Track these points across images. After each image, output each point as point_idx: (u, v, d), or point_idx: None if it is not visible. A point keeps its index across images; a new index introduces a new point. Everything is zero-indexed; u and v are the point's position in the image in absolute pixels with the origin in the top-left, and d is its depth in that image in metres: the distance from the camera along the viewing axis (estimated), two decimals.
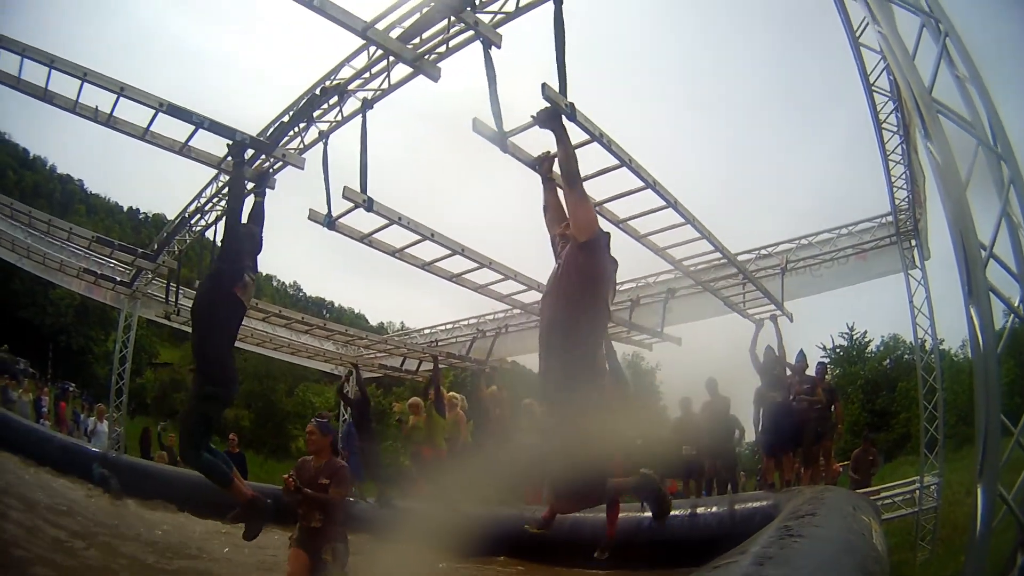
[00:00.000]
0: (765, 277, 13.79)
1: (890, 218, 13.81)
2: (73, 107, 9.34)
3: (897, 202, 13.34)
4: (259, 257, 6.98)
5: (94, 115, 9.43)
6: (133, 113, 9.32)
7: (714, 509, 8.60)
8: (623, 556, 8.35)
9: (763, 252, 14.70)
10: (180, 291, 15.58)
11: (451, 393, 14.28)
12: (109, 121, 9.40)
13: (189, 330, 7.73)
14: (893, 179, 12.81)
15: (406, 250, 10.48)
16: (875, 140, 12.16)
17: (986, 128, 5.07)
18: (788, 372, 11.96)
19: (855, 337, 43.13)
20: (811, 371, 12.65)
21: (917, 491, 13.67)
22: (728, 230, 10.94)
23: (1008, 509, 4.37)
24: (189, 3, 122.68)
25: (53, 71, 8.96)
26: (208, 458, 6.29)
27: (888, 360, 41.84)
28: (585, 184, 8.78)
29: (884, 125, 11.91)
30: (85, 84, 9.01)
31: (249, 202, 7.31)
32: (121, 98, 9.02)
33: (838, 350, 43.12)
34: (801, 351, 12.25)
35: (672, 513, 8.39)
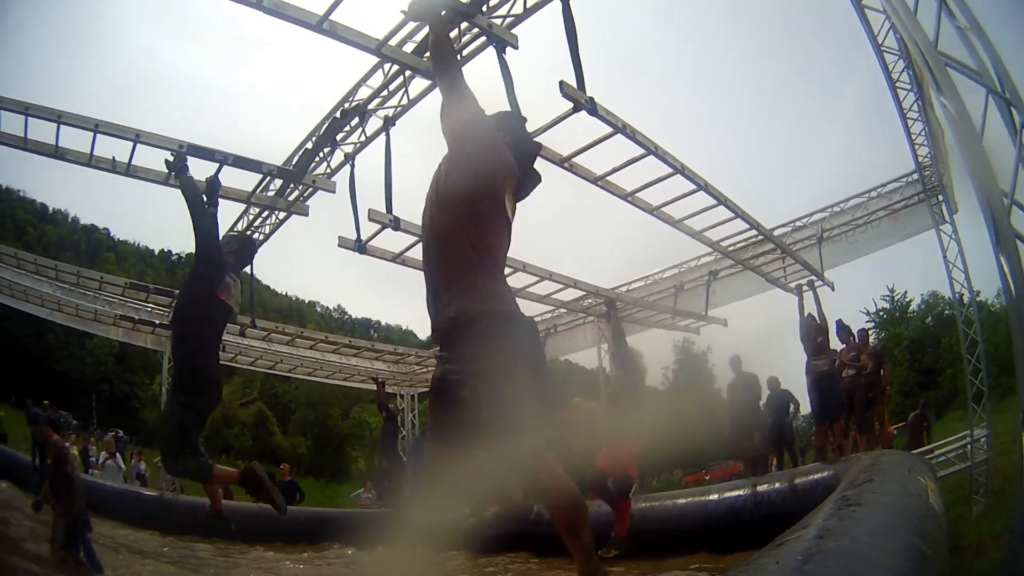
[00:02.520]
0: (802, 249, 13.74)
1: (916, 176, 13.65)
2: (88, 160, 9.38)
3: (920, 159, 13.19)
4: (288, 279, 6.92)
5: (112, 166, 9.49)
6: (152, 157, 9.31)
7: (776, 485, 8.45)
8: (686, 541, 8.25)
9: (798, 224, 14.60)
10: None
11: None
12: (129, 171, 9.46)
13: (234, 365, 7.74)
14: (913, 136, 12.68)
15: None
16: (891, 99, 12.04)
17: (992, 76, 4.98)
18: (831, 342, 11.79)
19: (896, 298, 42.82)
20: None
21: (968, 445, 13.54)
22: (759, 207, 10.94)
23: None
24: (183, 33, 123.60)
25: (62, 126, 9.02)
26: (191, 461, 6.12)
27: (930, 318, 41.40)
28: (614, 176, 8.88)
29: (898, 84, 11.80)
30: (98, 135, 9.07)
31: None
32: (138, 144, 9.05)
33: (881, 313, 42.81)
34: (839, 321, 11.97)
35: (735, 494, 8.38)
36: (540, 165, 7.71)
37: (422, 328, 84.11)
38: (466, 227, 3.51)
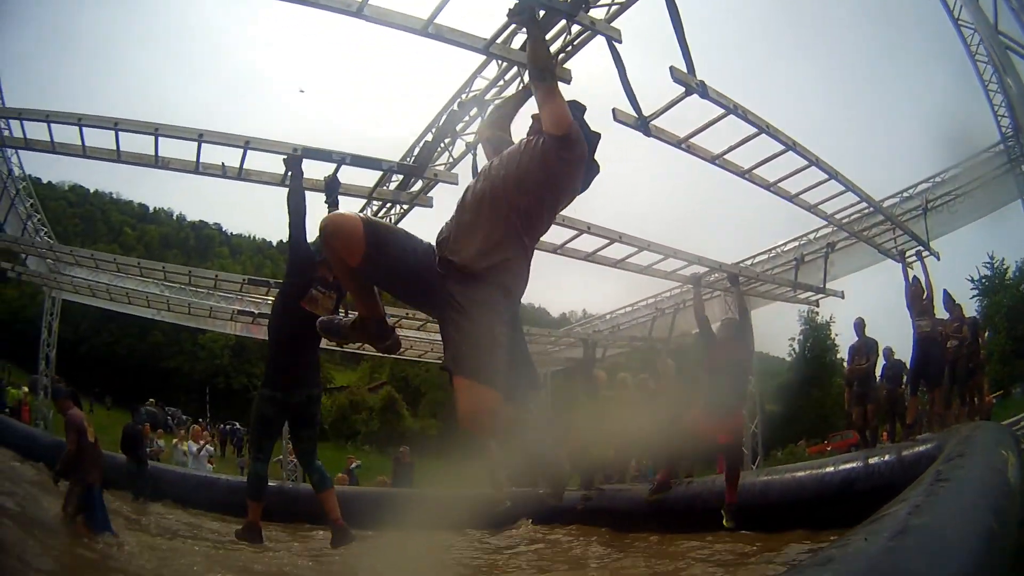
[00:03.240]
0: (910, 219, 13.61)
1: (1002, 146, 13.40)
2: (195, 168, 9.70)
3: (1004, 130, 12.97)
4: None
5: (222, 172, 9.77)
6: (263, 159, 9.56)
7: (886, 457, 8.41)
8: (803, 514, 8.26)
9: (905, 195, 14.50)
10: (349, 316, 15.78)
11: (621, 374, 14.22)
12: (240, 175, 9.71)
13: (363, 352, 7.91)
14: (996, 107, 12.50)
15: (566, 245, 10.75)
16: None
17: None
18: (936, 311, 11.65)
19: (995, 266, 41.87)
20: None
21: None
22: (866, 178, 10.88)
23: None
24: (284, 42, 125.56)
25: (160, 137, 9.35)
26: (258, 470, 6.74)
27: None
28: (730, 155, 8.94)
29: (977, 57, 11.67)
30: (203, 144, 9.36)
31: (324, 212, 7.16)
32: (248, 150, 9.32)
33: (983, 280, 41.92)
34: (945, 291, 11.98)
35: (849, 465, 8.38)
36: (659, 146, 7.86)
37: (554, 306, 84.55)
38: (505, 212, 3.65)
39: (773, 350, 46.02)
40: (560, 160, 3.67)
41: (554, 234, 10.36)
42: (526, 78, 8.74)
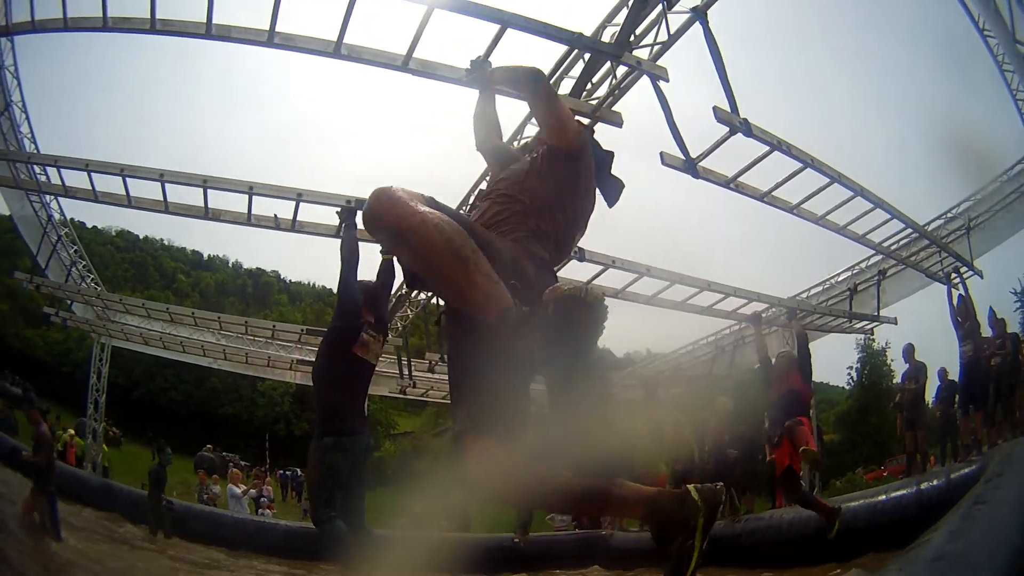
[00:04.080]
0: (954, 240, 13.52)
1: None
2: (247, 219, 9.84)
3: None
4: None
5: (275, 224, 9.90)
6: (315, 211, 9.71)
7: (934, 482, 8.40)
8: (850, 543, 8.26)
9: (949, 216, 14.48)
10: (412, 363, 16.07)
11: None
12: (294, 227, 9.84)
13: (427, 399, 7.81)
14: None
15: (626, 289, 10.87)
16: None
17: None
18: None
19: None
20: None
21: None
22: (905, 201, 10.92)
23: None
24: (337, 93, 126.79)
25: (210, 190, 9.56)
26: (339, 526, 5.94)
27: None
28: (778, 191, 8.98)
29: (1004, 67, 11.68)
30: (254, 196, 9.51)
31: (377, 262, 6.92)
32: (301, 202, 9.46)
33: None
34: (990, 308, 11.85)
35: (901, 492, 8.36)
36: (708, 189, 7.91)
37: (618, 347, 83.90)
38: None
39: (832, 379, 46.56)
40: (572, 171, 3.46)
41: (614, 278, 10.55)
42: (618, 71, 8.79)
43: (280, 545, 11.02)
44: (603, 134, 8.16)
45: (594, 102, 8.16)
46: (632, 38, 7.41)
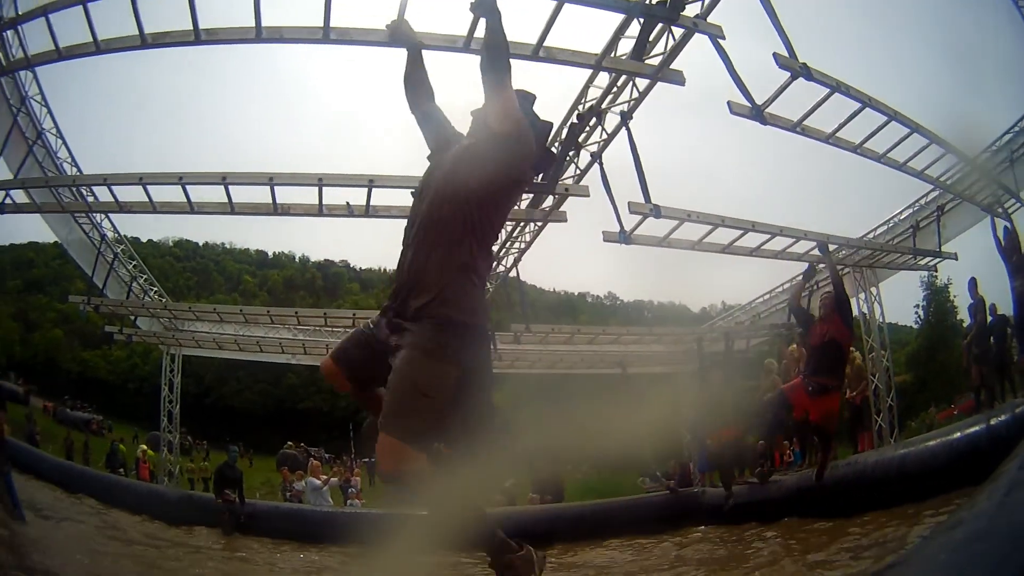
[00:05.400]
0: (1002, 171, 13.43)
1: None
2: (319, 211, 10.15)
3: None
4: (556, 276, 6.76)
5: (348, 211, 10.16)
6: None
7: (1003, 417, 8.40)
8: (942, 481, 8.31)
9: (992, 148, 14.23)
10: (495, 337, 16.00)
11: (768, 359, 14.28)
12: (368, 212, 10.05)
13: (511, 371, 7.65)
14: None
15: (704, 240, 10.99)
16: None
17: None
18: None
19: None
20: None
21: None
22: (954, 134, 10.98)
23: None
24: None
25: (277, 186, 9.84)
26: None
27: None
28: (840, 134, 9.13)
29: None
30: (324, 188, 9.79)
31: None
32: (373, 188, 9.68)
33: None
34: None
35: (973, 429, 8.43)
36: (771, 132, 8.10)
37: (694, 302, 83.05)
38: (459, 234, 3.54)
39: (901, 319, 46.32)
40: (511, 158, 3.65)
41: (690, 231, 10.70)
42: (639, 79, 9.07)
43: (343, 532, 10.92)
44: (668, 89, 8.44)
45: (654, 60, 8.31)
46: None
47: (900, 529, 6.73)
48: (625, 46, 8.29)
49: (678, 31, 7.97)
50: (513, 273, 14.12)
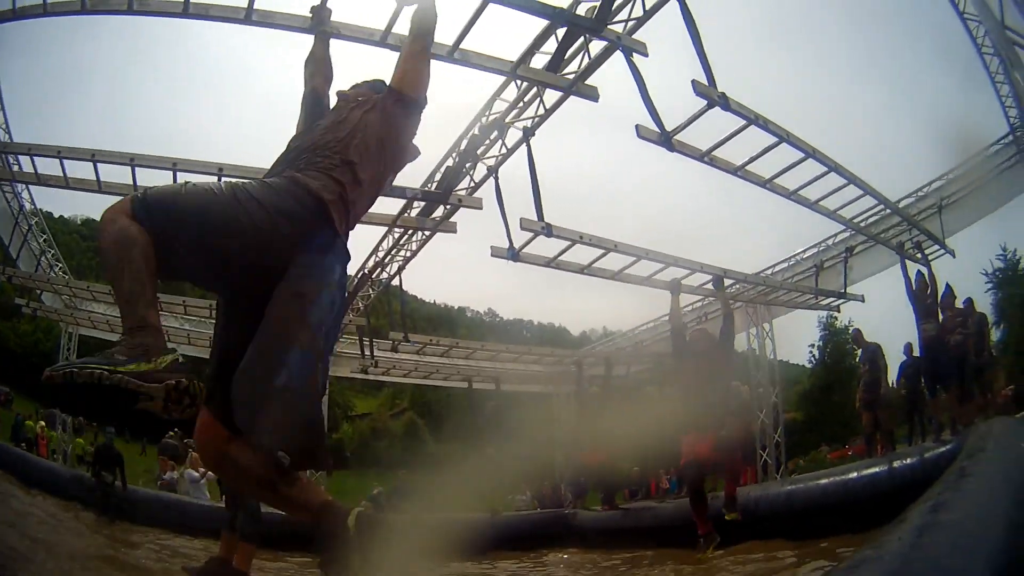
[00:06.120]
0: (926, 218, 13.69)
1: (1011, 137, 13.39)
2: None
3: (1012, 120, 13.04)
4: (436, 288, 6.69)
5: None
6: None
7: (907, 460, 8.47)
8: (829, 520, 8.31)
9: (920, 194, 14.53)
10: (374, 343, 16.11)
11: (648, 387, 14.41)
12: None
13: (385, 379, 7.72)
14: (1004, 99, 12.60)
15: (593, 265, 10.87)
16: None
17: None
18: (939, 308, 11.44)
19: (1008, 257, 41.92)
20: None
21: None
22: (880, 178, 11.01)
23: None
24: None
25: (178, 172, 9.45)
26: None
27: None
28: (752, 166, 8.99)
29: (984, 49, 11.79)
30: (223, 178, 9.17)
31: None
32: None
33: (998, 273, 41.98)
34: (948, 284, 11.74)
35: (873, 470, 8.40)
36: (681, 160, 7.91)
37: (575, 325, 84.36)
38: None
39: (793, 358, 46.51)
40: (408, 123, 3.60)
41: (581, 253, 10.54)
42: (547, 96, 8.86)
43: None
44: (579, 108, 8.25)
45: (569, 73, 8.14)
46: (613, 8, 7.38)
47: (774, 563, 6.88)
48: (539, 62, 8.12)
49: (596, 49, 7.82)
50: (396, 281, 14.09)
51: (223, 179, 8.29)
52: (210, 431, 2.85)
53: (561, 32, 7.76)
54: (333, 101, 3.87)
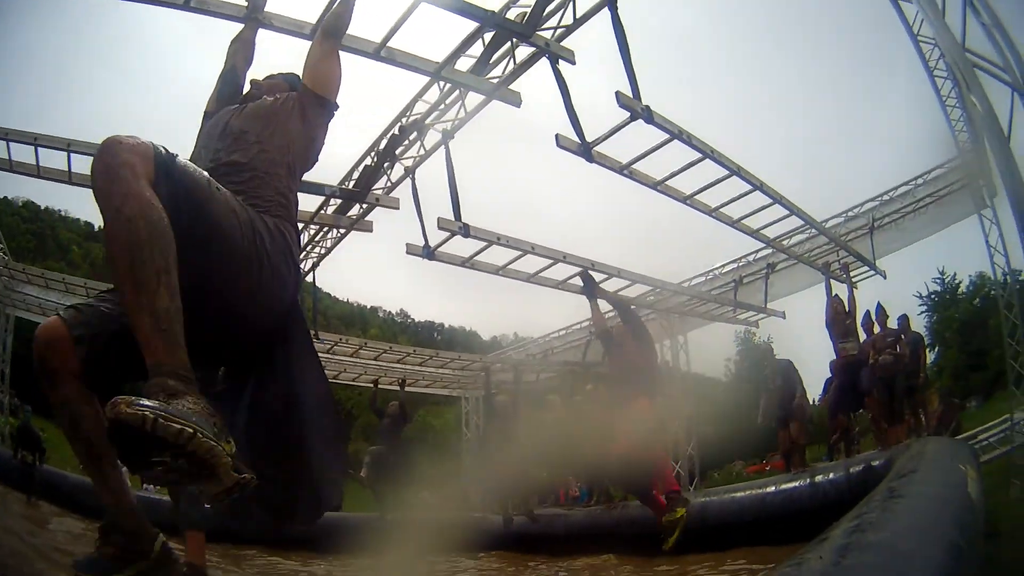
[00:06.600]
0: (855, 239, 13.80)
1: (958, 161, 13.49)
2: None
3: (961, 144, 13.12)
4: (360, 291, 6.58)
5: None
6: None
7: (831, 476, 8.51)
8: (746, 534, 8.33)
9: (850, 215, 14.62)
10: None
11: (550, 395, 14.44)
12: None
13: None
14: (953, 123, 12.72)
15: (509, 266, 10.89)
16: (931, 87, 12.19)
17: (1017, 74, 5.05)
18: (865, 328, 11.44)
19: (946, 281, 42.59)
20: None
21: (1009, 429, 13.53)
22: (814, 198, 11.05)
23: None
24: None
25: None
26: None
27: (978, 299, 40.93)
28: (672, 181, 9.01)
29: (936, 72, 11.90)
30: None
31: None
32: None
33: (933, 296, 42.60)
34: (879, 304, 11.68)
35: (794, 484, 8.47)
36: (601, 172, 7.90)
37: (486, 329, 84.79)
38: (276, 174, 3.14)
39: (709, 371, 46.83)
40: (321, 126, 3.53)
41: (497, 255, 10.58)
42: (468, 100, 8.86)
43: None
44: (509, 115, 8.25)
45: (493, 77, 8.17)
46: (543, 15, 7.38)
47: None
48: (465, 65, 8.05)
49: (523, 55, 7.86)
50: (309, 278, 13.90)
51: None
52: (60, 349, 2.49)
53: (489, 36, 7.70)
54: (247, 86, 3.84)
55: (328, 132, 3.58)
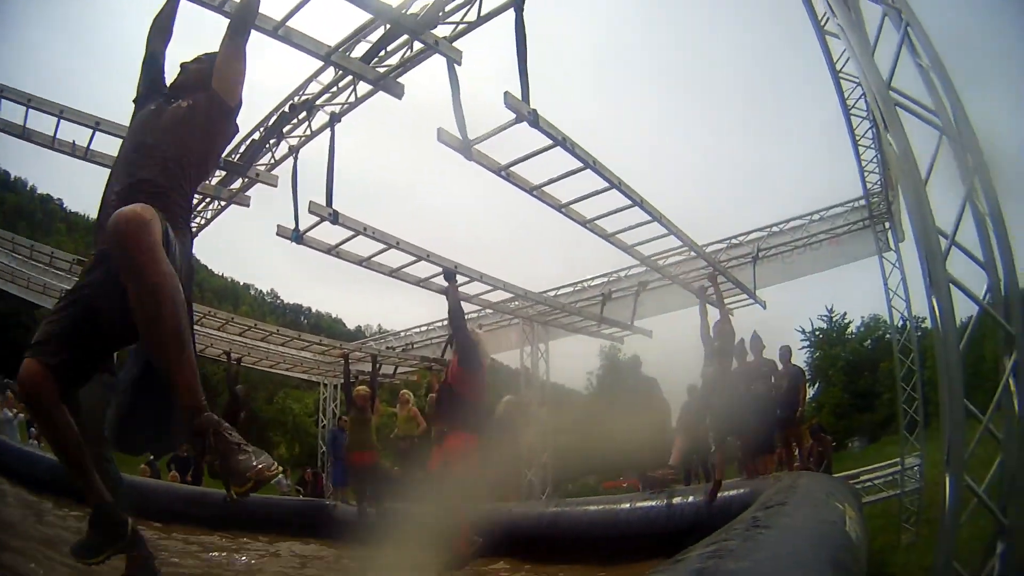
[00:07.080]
0: (736, 267, 13.98)
1: (863, 202, 14.01)
2: (51, 143, 9.61)
3: (869, 186, 13.59)
4: (236, 266, 6.67)
5: (71, 150, 9.66)
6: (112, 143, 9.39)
7: (690, 499, 8.60)
8: (596, 549, 8.41)
9: (733, 242, 14.84)
10: None
11: (404, 391, 14.50)
12: (87, 155, 9.63)
13: None
14: (864, 163, 13.05)
15: (374, 258, 10.82)
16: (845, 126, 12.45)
17: (950, 117, 5.23)
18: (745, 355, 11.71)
19: (834, 319, 43.48)
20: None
21: (899, 474, 13.98)
22: (705, 222, 11.20)
23: (979, 499, 4.51)
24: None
25: (31, 110, 9.27)
26: None
27: (869, 341, 41.91)
28: (551, 187, 9.09)
29: (853, 111, 12.16)
30: (62, 121, 9.33)
31: None
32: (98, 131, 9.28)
33: (818, 332, 43.44)
34: (755, 332, 12.12)
35: (651, 504, 8.57)
36: (480, 172, 7.97)
37: (351, 318, 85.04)
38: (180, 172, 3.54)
39: (569, 382, 47.20)
40: (228, 128, 3.84)
41: (364, 246, 10.50)
42: (360, 86, 8.88)
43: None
44: (399, 106, 8.31)
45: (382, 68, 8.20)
46: (441, 14, 7.46)
47: None
48: (362, 51, 8.07)
49: (416, 48, 7.90)
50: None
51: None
52: (44, 385, 3.06)
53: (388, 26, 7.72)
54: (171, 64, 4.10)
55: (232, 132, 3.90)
